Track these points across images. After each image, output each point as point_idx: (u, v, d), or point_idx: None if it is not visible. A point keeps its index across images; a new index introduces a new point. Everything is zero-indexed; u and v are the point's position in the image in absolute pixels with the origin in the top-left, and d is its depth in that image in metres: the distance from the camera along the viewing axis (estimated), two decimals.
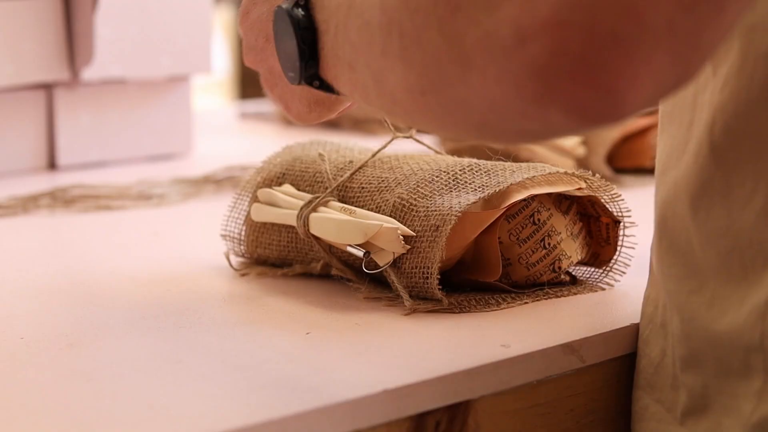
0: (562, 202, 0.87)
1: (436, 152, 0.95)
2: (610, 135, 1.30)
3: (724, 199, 0.72)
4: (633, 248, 0.89)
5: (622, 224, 0.89)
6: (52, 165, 1.41)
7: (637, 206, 0.90)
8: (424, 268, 0.83)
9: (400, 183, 0.88)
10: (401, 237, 0.84)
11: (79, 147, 1.42)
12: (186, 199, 1.25)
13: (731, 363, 0.72)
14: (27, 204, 1.20)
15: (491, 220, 0.84)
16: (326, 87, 0.73)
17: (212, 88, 4.07)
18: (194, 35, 1.48)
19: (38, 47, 1.36)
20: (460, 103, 0.60)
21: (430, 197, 0.85)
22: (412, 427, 0.72)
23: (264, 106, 1.91)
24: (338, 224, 0.86)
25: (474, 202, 0.84)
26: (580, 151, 1.29)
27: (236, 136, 1.74)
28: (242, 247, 0.95)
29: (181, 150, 1.51)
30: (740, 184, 0.71)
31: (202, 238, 1.07)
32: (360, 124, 1.66)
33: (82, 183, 1.27)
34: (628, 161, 1.32)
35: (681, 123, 0.75)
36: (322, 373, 0.73)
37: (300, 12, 0.71)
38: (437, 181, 0.86)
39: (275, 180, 0.95)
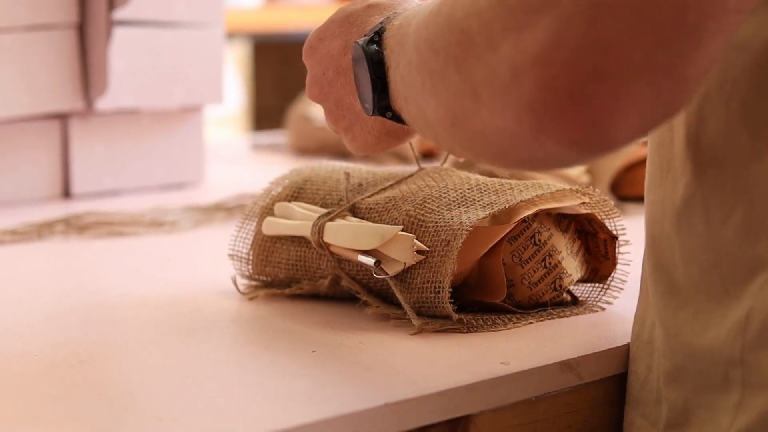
0: (562, 221, 0.90)
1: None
2: (614, 164, 1.32)
3: (704, 216, 0.74)
4: (628, 264, 0.92)
5: (617, 240, 0.91)
6: (66, 193, 1.44)
7: (640, 233, 0.91)
8: (435, 282, 0.85)
9: (406, 200, 0.90)
10: (414, 248, 0.86)
11: (93, 176, 1.45)
12: (197, 226, 1.28)
13: (711, 377, 0.74)
14: (42, 230, 1.23)
15: (501, 236, 0.86)
16: (397, 118, 0.79)
17: (226, 122, 4.10)
18: (206, 67, 1.51)
19: (54, 78, 1.39)
20: (478, 134, 0.66)
21: (438, 212, 0.88)
22: None
23: (276, 137, 1.94)
24: (355, 229, 0.89)
25: (483, 218, 0.86)
26: (585, 179, 1.32)
27: (248, 166, 1.77)
28: (249, 267, 0.98)
29: (193, 179, 1.54)
30: (720, 202, 0.73)
31: (213, 263, 1.09)
32: (369, 156, 1.69)
33: (95, 210, 1.30)
34: (631, 189, 1.34)
35: (662, 142, 0.77)
36: (326, 387, 0.76)
37: (374, 47, 0.78)
38: (445, 198, 0.89)
39: (286, 200, 0.97)
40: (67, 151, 1.44)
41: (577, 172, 1.31)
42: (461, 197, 0.89)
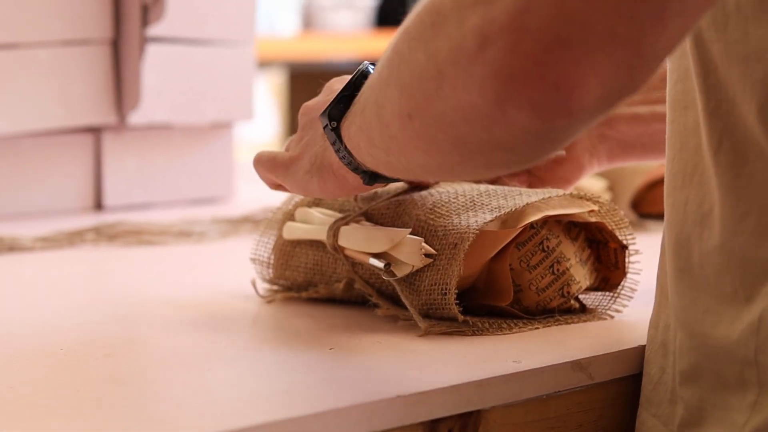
0: (571, 229, 0.92)
1: None
2: (636, 181, 1.34)
3: (720, 218, 0.76)
4: (638, 273, 0.93)
5: (628, 250, 0.93)
6: (98, 205, 1.47)
7: (657, 247, 0.93)
8: (442, 284, 0.87)
9: (416, 204, 0.92)
10: (422, 251, 0.88)
11: (124, 189, 1.48)
12: (224, 237, 1.30)
13: (727, 377, 0.76)
14: (73, 238, 1.26)
15: (508, 240, 0.88)
16: (336, 134, 0.82)
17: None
18: (237, 84, 1.54)
19: (88, 92, 1.43)
20: (438, 119, 0.68)
21: (447, 217, 0.90)
22: None
23: None
24: (366, 232, 0.91)
25: (491, 221, 0.88)
26: (606, 197, 1.33)
27: None
28: (270, 271, 1.00)
29: (223, 194, 1.56)
30: (734, 205, 0.75)
31: (237, 271, 1.11)
32: None
33: (126, 220, 1.33)
34: (653, 207, 1.35)
35: (685, 147, 0.79)
36: (342, 381, 0.78)
37: (371, 67, 0.83)
38: (454, 202, 0.91)
39: (307, 206, 0.99)
40: (99, 164, 1.47)
41: (598, 188, 1.33)
42: (470, 202, 0.91)
